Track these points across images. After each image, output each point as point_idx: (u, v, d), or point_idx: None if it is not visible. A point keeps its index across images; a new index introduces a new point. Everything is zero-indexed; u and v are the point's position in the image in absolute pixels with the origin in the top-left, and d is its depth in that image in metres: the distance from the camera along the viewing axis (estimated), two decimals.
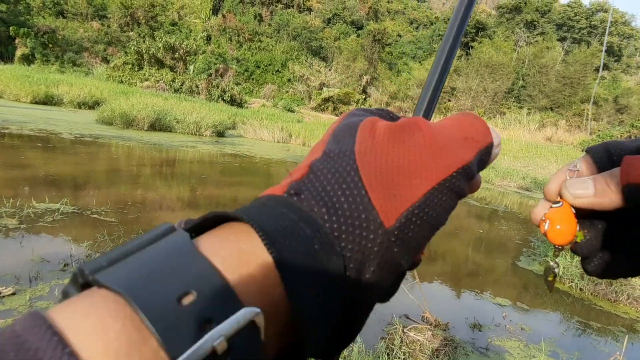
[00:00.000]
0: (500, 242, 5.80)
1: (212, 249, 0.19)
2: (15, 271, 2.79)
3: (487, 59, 34.48)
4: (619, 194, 0.30)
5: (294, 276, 0.19)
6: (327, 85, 33.02)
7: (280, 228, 0.20)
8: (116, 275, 0.16)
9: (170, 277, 0.17)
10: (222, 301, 0.17)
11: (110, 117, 10.81)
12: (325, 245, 0.20)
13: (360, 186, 0.22)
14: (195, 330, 0.16)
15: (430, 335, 2.80)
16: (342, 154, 0.24)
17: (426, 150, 0.24)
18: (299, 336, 0.20)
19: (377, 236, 0.21)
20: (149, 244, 0.18)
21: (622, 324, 3.59)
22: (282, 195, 0.22)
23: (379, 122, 0.26)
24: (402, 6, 55.53)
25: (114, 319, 0.15)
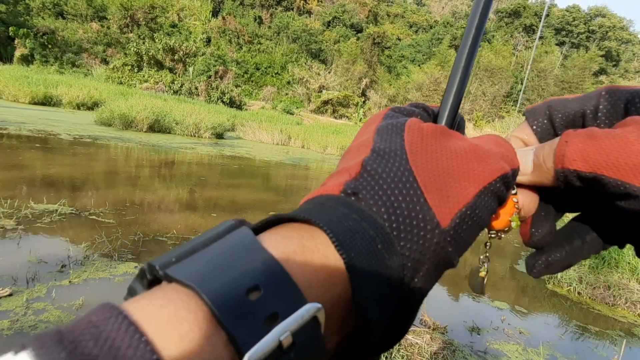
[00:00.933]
0: (498, 245, 5.81)
1: (276, 246, 0.19)
2: (12, 272, 2.78)
3: (486, 62, 34.62)
4: (553, 175, 0.27)
5: (361, 276, 0.20)
6: (327, 87, 33.08)
7: (345, 228, 0.20)
8: (186, 269, 0.17)
9: (237, 272, 0.17)
10: (287, 296, 0.17)
11: (109, 118, 10.81)
12: (386, 244, 0.21)
13: (416, 187, 0.22)
14: (262, 324, 0.16)
15: (429, 338, 2.79)
16: (393, 153, 0.24)
17: (472, 155, 0.25)
18: (358, 334, 0.21)
19: (434, 236, 0.22)
20: (214, 240, 0.19)
21: (620, 328, 3.59)
22: (339, 195, 0.23)
23: (424, 124, 0.26)
24: (402, 10, 55.72)
25: (187, 311, 0.15)
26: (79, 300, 2.58)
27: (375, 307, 0.20)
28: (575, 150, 0.26)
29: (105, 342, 0.14)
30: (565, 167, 0.26)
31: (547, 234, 0.32)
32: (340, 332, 0.21)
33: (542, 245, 0.31)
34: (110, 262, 3.15)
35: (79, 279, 2.85)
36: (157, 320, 0.15)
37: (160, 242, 3.69)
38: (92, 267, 3.03)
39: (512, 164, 0.27)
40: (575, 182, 0.26)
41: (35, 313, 2.39)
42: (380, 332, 0.21)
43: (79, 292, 2.67)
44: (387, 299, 0.21)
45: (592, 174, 0.25)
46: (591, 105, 0.30)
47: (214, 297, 0.16)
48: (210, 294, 0.16)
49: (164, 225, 4.13)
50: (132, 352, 0.13)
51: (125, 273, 3.03)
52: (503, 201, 0.27)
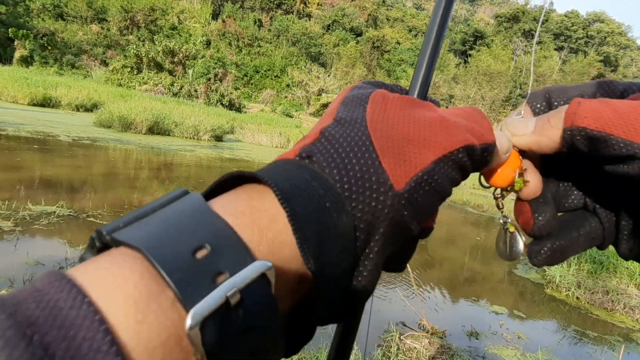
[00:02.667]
0: None
1: (225, 208, 0.19)
2: (9, 274, 2.77)
3: (485, 67, 34.74)
4: (559, 131, 0.26)
5: (306, 232, 0.20)
6: (326, 91, 33.12)
7: (293, 186, 0.20)
8: (133, 233, 0.17)
9: (185, 233, 0.17)
10: (234, 255, 0.17)
11: (109, 120, 10.79)
12: (336, 204, 0.21)
13: (372, 150, 0.23)
14: (209, 281, 0.16)
15: (427, 343, 2.78)
16: (353, 121, 0.24)
17: (436, 124, 0.25)
18: (312, 294, 0.20)
19: (388, 198, 0.22)
20: (164, 206, 0.19)
21: (619, 333, 3.58)
22: (294, 158, 0.23)
23: (391, 94, 0.26)
24: (401, 14, 55.95)
25: (132, 271, 0.15)
26: None
27: (324, 263, 0.20)
28: (587, 108, 0.25)
29: (47, 304, 0.13)
30: (575, 125, 0.25)
31: (551, 217, 0.30)
32: (292, 294, 0.20)
33: (547, 232, 0.30)
34: None
35: None
36: (101, 282, 0.15)
37: None
38: None
39: (483, 139, 0.26)
40: (581, 142, 0.25)
41: None
42: (332, 296, 0.21)
43: None
44: (336, 257, 0.21)
45: (600, 132, 0.24)
46: (589, 92, 0.30)
47: (159, 256, 0.16)
48: (156, 254, 0.16)
49: None
50: (75, 312, 0.13)
51: None
52: (466, 174, 0.26)
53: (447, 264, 4.81)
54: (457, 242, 5.85)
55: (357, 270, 0.23)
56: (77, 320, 0.13)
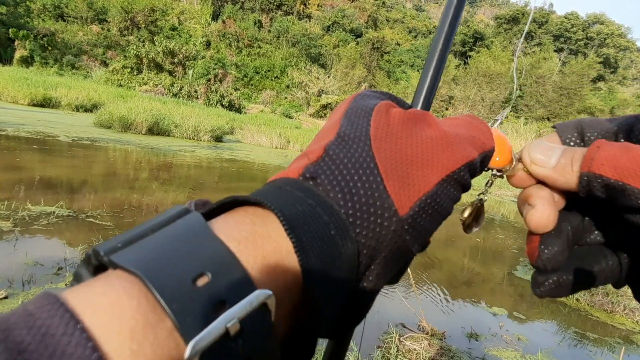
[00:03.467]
0: (496, 250, 5.80)
1: (226, 232, 0.19)
2: (8, 274, 2.76)
3: (485, 68, 34.75)
4: (576, 178, 0.26)
5: (311, 262, 0.19)
6: (326, 92, 33.14)
7: (298, 213, 0.20)
8: (131, 256, 0.16)
9: (185, 259, 0.17)
10: (235, 283, 0.17)
11: (108, 120, 10.79)
12: (340, 230, 0.21)
13: (377, 173, 0.22)
14: (209, 311, 0.16)
15: (427, 344, 2.78)
16: (357, 138, 0.24)
17: (438, 143, 0.24)
18: (309, 318, 0.20)
19: (392, 224, 0.22)
20: (163, 226, 0.18)
21: (619, 335, 3.58)
22: (297, 178, 0.22)
23: (393, 109, 0.26)
24: (401, 15, 56.01)
25: (130, 298, 0.15)
26: None
27: (325, 295, 0.20)
28: (605, 155, 0.24)
29: (39, 330, 0.13)
30: (592, 171, 0.24)
31: (558, 253, 0.28)
32: (290, 318, 0.20)
33: (551, 267, 0.28)
34: None
35: None
36: (96, 308, 0.14)
37: None
38: None
39: (483, 147, 0.26)
40: (597, 189, 0.25)
41: None
42: (330, 320, 0.21)
43: None
44: (339, 287, 0.21)
45: (617, 181, 0.23)
46: (625, 124, 0.28)
47: (158, 283, 0.15)
48: (155, 281, 0.15)
49: None
50: (67, 339, 0.13)
51: None
52: (467, 189, 0.26)
53: (446, 265, 4.81)
54: (456, 243, 5.84)
55: (356, 293, 0.23)
56: (69, 348, 0.13)
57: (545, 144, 0.29)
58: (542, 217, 0.28)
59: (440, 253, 5.20)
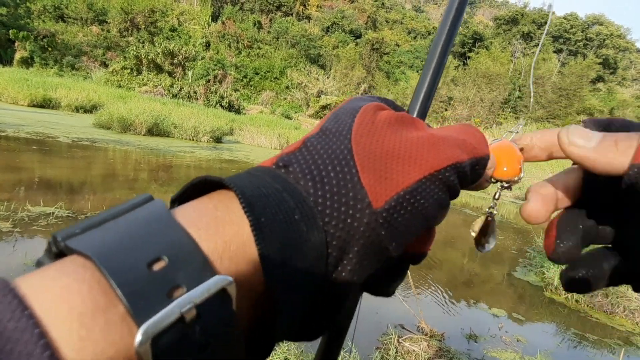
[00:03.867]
0: (496, 252, 5.80)
1: (188, 217, 0.18)
2: (6, 275, 2.69)
3: (484, 69, 34.80)
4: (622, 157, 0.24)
5: (270, 244, 0.19)
6: (325, 92, 33.16)
7: (262, 194, 0.20)
8: (88, 241, 0.16)
9: (142, 244, 0.16)
10: (193, 268, 0.16)
11: (108, 121, 10.79)
12: (306, 217, 0.20)
13: (352, 165, 0.22)
14: (163, 296, 0.15)
15: (426, 345, 2.78)
16: (338, 133, 0.23)
17: (423, 142, 0.24)
18: (273, 309, 0.19)
19: (364, 216, 0.21)
20: (125, 213, 0.18)
21: (618, 337, 3.58)
22: (270, 166, 0.22)
23: (383, 110, 0.25)
24: (401, 16, 56.07)
25: (81, 283, 0.14)
26: None
27: (285, 282, 0.19)
28: None
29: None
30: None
31: (573, 247, 0.29)
32: (255, 309, 0.19)
33: (566, 259, 0.30)
34: None
35: None
36: (46, 293, 0.14)
37: None
38: None
39: (474, 152, 0.25)
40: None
41: None
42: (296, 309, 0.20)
43: None
44: (302, 275, 0.20)
45: None
46: None
47: (111, 267, 0.15)
48: (108, 265, 0.15)
49: None
50: (13, 324, 0.13)
51: None
52: (455, 193, 0.25)
53: (446, 266, 4.81)
54: (456, 244, 5.84)
55: (328, 288, 0.22)
56: (15, 333, 0.12)
57: (584, 129, 0.27)
58: (532, 210, 0.29)
59: (440, 254, 5.20)
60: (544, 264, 4.91)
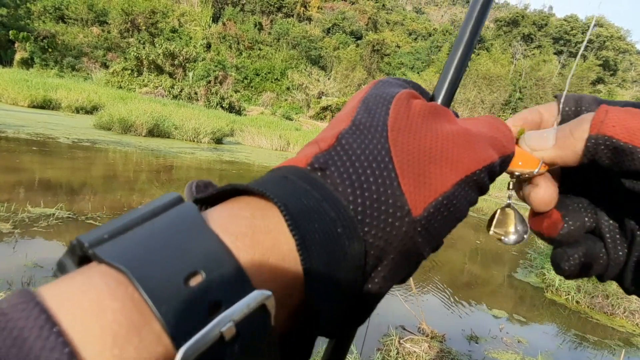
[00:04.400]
0: (496, 253, 5.80)
1: (224, 225, 0.17)
2: (7, 276, 2.76)
3: (485, 70, 34.83)
4: (581, 142, 0.25)
5: (315, 262, 0.18)
6: (326, 94, 33.19)
7: (303, 207, 0.19)
8: (118, 250, 0.15)
9: (177, 255, 0.15)
10: (232, 283, 0.16)
11: (108, 122, 10.80)
12: (348, 229, 0.19)
13: (391, 168, 0.21)
14: (202, 314, 0.14)
15: (427, 347, 2.77)
16: (373, 128, 0.22)
17: (459, 140, 0.23)
18: (308, 319, 0.19)
19: (403, 224, 0.20)
20: (155, 215, 0.17)
21: (619, 338, 3.57)
22: (305, 168, 0.21)
23: (415, 100, 0.24)
24: (401, 17, 56.14)
25: (113, 299, 0.14)
26: None
27: (326, 297, 0.19)
28: (616, 117, 0.24)
29: (10, 332, 0.12)
30: (601, 133, 0.24)
31: (581, 226, 0.28)
32: (290, 320, 0.19)
33: (574, 239, 0.28)
34: None
35: None
36: (75, 309, 0.13)
37: None
38: None
39: (503, 151, 0.25)
40: (604, 153, 0.24)
41: None
42: (330, 322, 0.20)
43: None
44: (342, 289, 0.19)
45: (627, 144, 0.23)
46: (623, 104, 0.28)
47: (146, 282, 0.14)
48: (142, 279, 0.14)
49: None
50: (41, 343, 0.12)
51: None
52: (484, 192, 0.25)
53: (446, 268, 4.80)
54: (456, 245, 5.84)
55: (360, 294, 0.21)
56: (43, 353, 0.12)
57: (536, 132, 0.29)
58: (546, 194, 0.28)
59: (441, 255, 5.19)
60: (544, 265, 4.90)
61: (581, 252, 0.28)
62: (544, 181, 0.29)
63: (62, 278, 0.14)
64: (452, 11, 70.09)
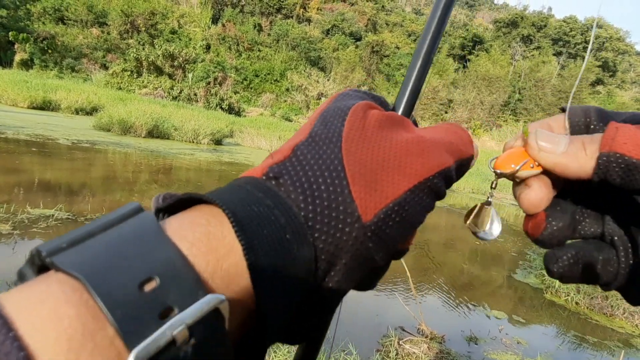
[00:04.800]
0: (496, 254, 5.80)
1: (180, 233, 0.18)
2: (6, 278, 2.75)
3: (484, 72, 34.88)
4: (592, 161, 0.25)
5: (262, 266, 0.19)
6: (325, 95, 33.19)
7: (253, 214, 0.19)
8: (75, 258, 0.15)
9: (132, 262, 0.16)
10: (185, 288, 0.16)
11: (108, 123, 10.80)
12: (297, 234, 0.20)
13: (343, 176, 0.21)
14: (155, 318, 0.15)
15: (426, 348, 2.77)
16: (328, 139, 0.23)
17: (412, 147, 0.23)
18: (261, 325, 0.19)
19: (353, 230, 0.21)
20: (113, 225, 0.17)
21: (618, 339, 3.57)
22: (260, 177, 0.22)
23: (371, 111, 0.25)
24: (401, 19, 56.21)
25: (69, 305, 0.14)
26: None
27: (274, 301, 0.19)
28: (627, 134, 0.23)
29: None
30: (613, 150, 0.23)
31: (565, 227, 0.28)
32: (244, 325, 0.19)
33: (557, 240, 0.28)
34: None
35: None
36: (32, 316, 0.13)
37: None
38: None
39: (460, 154, 0.25)
40: (615, 171, 0.24)
41: None
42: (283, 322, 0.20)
43: None
44: (291, 293, 0.20)
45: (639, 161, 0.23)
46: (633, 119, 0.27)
47: (101, 289, 0.14)
48: (97, 286, 0.14)
49: None
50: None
51: None
52: (441, 197, 0.25)
53: (446, 268, 4.80)
54: (456, 246, 5.84)
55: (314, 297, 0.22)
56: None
57: (550, 133, 0.28)
58: (537, 197, 0.28)
59: (440, 256, 5.19)
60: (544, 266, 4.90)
61: (570, 254, 0.28)
62: (537, 184, 0.28)
63: (21, 286, 0.15)
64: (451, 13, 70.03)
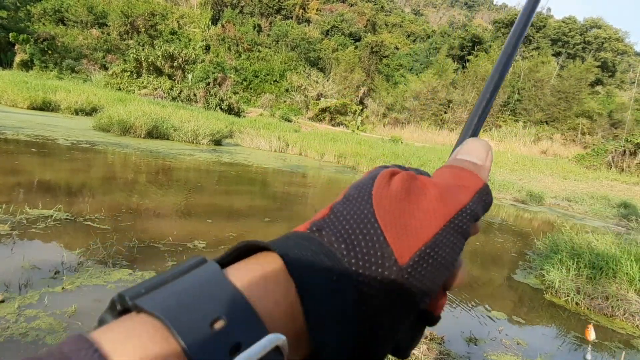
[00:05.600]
0: (495, 254, 5.79)
1: (240, 278, 0.20)
2: (5, 278, 2.75)
3: (484, 72, 34.84)
4: None
5: (314, 304, 0.21)
6: (325, 95, 33.19)
7: (302, 257, 0.22)
8: (154, 301, 0.18)
9: (203, 304, 0.18)
10: (249, 327, 0.18)
11: (108, 124, 10.80)
12: (343, 277, 0.22)
13: (377, 226, 0.24)
14: (226, 353, 0.17)
15: (426, 349, 2.76)
16: (360, 197, 0.26)
17: (433, 196, 0.26)
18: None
19: (392, 272, 0.23)
20: (183, 274, 0.20)
21: (619, 340, 3.56)
22: (305, 231, 0.25)
23: (396, 173, 0.28)
24: (400, 19, 56.25)
25: (153, 342, 0.16)
26: (72, 307, 2.54)
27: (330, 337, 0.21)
28: None
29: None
30: None
31: None
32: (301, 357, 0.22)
33: None
34: (105, 269, 3.12)
35: (72, 285, 2.82)
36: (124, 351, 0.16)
37: (156, 248, 3.66)
38: (85, 273, 3.00)
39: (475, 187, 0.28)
40: None
41: (27, 320, 2.36)
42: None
43: (71, 299, 2.64)
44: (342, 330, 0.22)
45: None
46: None
47: (179, 328, 0.17)
48: (176, 325, 0.17)
49: (160, 231, 4.10)
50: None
51: (119, 280, 2.99)
52: (467, 236, 0.27)
53: None
54: None
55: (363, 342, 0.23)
56: None
57: None
58: None
59: None
60: (543, 267, 4.90)
61: None
62: None
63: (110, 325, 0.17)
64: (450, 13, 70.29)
